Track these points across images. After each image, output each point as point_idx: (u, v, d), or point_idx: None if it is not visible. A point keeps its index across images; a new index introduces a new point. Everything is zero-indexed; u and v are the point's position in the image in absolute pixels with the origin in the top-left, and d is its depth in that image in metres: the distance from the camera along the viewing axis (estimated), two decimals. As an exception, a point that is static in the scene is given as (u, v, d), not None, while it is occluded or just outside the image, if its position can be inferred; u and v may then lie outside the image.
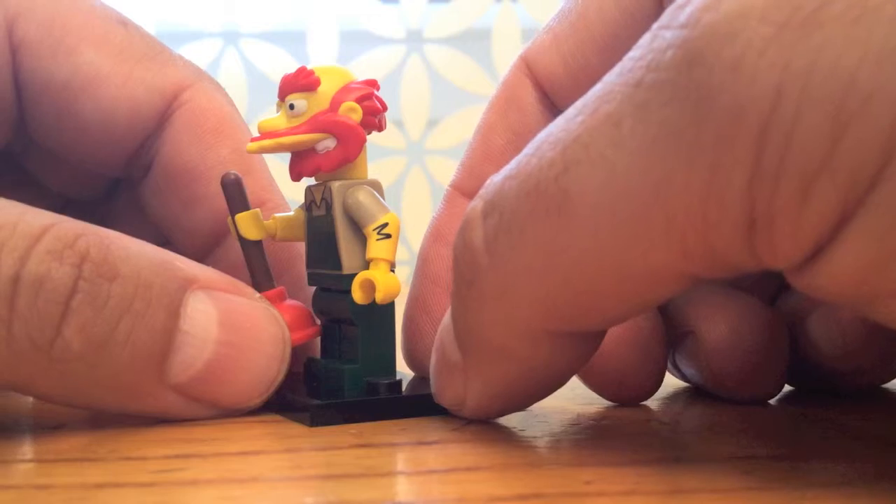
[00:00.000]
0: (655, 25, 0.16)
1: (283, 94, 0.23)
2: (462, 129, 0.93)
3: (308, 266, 0.25)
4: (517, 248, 0.17)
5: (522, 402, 0.22)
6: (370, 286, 0.23)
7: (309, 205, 0.25)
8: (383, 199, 0.24)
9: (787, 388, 0.27)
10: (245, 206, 0.24)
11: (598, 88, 0.16)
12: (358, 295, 0.23)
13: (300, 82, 0.23)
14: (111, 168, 0.28)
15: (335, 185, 0.24)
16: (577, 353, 0.20)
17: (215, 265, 0.27)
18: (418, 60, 0.92)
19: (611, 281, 0.17)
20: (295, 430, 0.22)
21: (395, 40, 0.92)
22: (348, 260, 0.24)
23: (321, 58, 0.90)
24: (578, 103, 0.17)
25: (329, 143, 0.23)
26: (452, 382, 0.21)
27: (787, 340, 0.25)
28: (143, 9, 0.88)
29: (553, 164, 0.16)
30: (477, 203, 0.18)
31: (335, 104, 0.23)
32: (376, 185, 0.24)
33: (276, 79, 0.24)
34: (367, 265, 0.23)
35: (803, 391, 0.27)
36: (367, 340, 0.24)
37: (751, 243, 0.15)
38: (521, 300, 0.18)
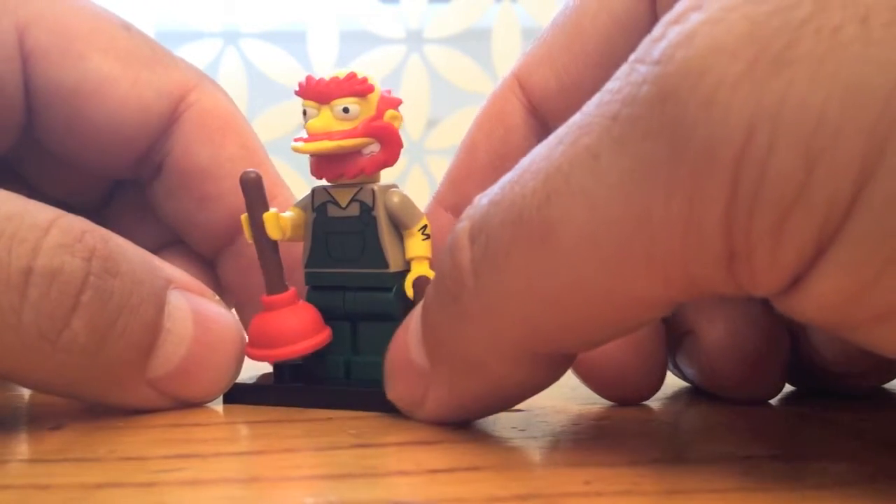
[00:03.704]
0: (633, 57, 0.16)
1: (327, 98, 0.24)
2: (462, 129, 0.91)
3: (312, 265, 0.25)
4: (502, 274, 0.18)
5: (483, 413, 0.22)
6: (427, 283, 0.24)
7: (322, 205, 0.25)
8: None
9: (787, 388, 0.27)
10: (266, 206, 0.25)
11: (577, 118, 0.16)
12: (412, 291, 0.25)
13: (356, 88, 0.24)
14: (119, 170, 0.29)
15: (376, 187, 0.25)
16: (553, 371, 0.20)
17: (230, 262, 0.29)
18: (418, 60, 0.92)
19: (594, 308, 0.17)
20: (295, 431, 0.22)
21: (395, 40, 0.92)
22: (392, 258, 0.25)
23: (321, 58, 0.90)
24: (560, 131, 0.17)
25: (374, 148, 0.24)
26: (412, 386, 0.21)
27: (786, 341, 0.25)
28: (143, 9, 0.87)
29: (535, 194, 0.17)
30: (465, 223, 0.19)
31: (381, 111, 0.24)
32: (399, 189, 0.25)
33: (277, 79, 0.24)
34: (406, 263, 0.25)
35: (803, 391, 0.27)
36: None
37: (731, 273, 0.15)
38: (504, 322, 0.18)
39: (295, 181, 0.25)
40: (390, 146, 0.24)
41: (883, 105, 0.13)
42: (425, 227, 0.25)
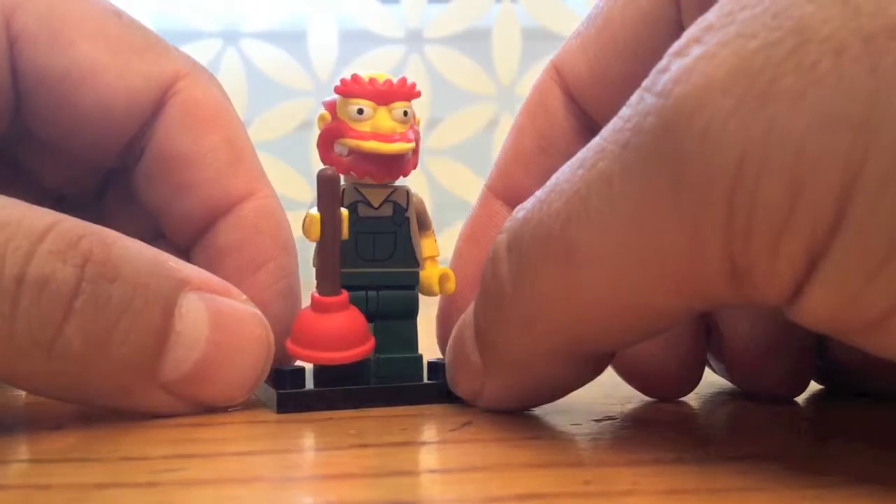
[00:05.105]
0: (644, 83, 0.17)
1: (388, 100, 0.25)
2: (462, 129, 0.93)
3: (344, 265, 0.25)
4: (535, 286, 0.19)
5: (534, 403, 0.24)
6: (448, 279, 0.26)
7: (353, 204, 0.25)
8: None
9: (815, 387, 0.27)
10: (340, 204, 0.24)
11: (595, 142, 0.18)
12: (437, 288, 0.26)
13: (412, 92, 0.25)
14: (107, 157, 0.28)
15: (407, 188, 0.26)
16: (592, 368, 0.21)
17: (205, 251, 0.28)
18: (418, 60, 0.92)
19: (618, 317, 0.18)
20: (295, 430, 0.22)
21: (395, 40, 0.92)
22: (419, 257, 0.26)
23: (321, 58, 0.89)
24: (581, 153, 0.18)
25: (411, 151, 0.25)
26: (470, 379, 0.23)
27: (809, 338, 0.25)
28: (142, 8, 0.88)
29: (559, 215, 0.18)
30: (504, 236, 0.20)
31: (413, 115, 0.25)
32: None
33: (277, 79, 0.24)
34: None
35: (834, 390, 0.27)
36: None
37: (739, 287, 0.16)
38: (541, 327, 0.20)
39: (298, 181, 0.25)
40: (418, 150, 0.26)
41: (854, 136, 0.14)
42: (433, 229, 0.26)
